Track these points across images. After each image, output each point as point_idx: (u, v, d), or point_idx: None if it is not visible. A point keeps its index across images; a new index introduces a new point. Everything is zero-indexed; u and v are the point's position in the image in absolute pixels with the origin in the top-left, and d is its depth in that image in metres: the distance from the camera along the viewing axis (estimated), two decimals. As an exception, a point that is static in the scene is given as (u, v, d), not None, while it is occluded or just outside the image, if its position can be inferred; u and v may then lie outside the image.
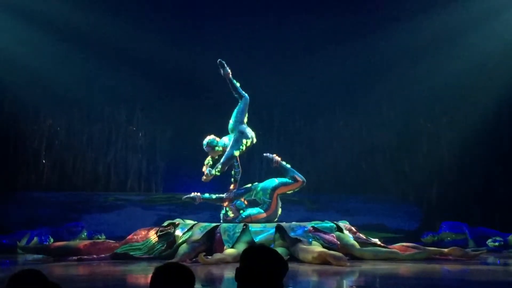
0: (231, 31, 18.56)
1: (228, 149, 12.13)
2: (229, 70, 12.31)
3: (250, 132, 12.32)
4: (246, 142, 12.23)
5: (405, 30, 17.86)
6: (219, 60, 12.35)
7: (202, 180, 12.19)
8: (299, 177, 12.35)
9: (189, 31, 18.95)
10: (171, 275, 3.24)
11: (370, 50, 18.62)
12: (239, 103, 12.38)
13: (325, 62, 18.51)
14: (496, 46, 17.41)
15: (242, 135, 12.20)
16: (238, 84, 12.39)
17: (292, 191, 12.54)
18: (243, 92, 12.39)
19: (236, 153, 12.14)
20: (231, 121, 12.35)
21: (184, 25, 18.93)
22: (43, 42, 17.60)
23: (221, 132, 12.54)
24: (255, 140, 12.45)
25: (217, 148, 12.24)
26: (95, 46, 18.25)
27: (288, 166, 12.50)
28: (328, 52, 18.40)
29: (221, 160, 12.11)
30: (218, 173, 12.06)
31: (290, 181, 12.32)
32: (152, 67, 18.90)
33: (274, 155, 12.56)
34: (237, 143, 12.14)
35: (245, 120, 12.39)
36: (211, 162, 12.33)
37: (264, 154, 12.84)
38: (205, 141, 12.27)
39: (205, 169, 12.18)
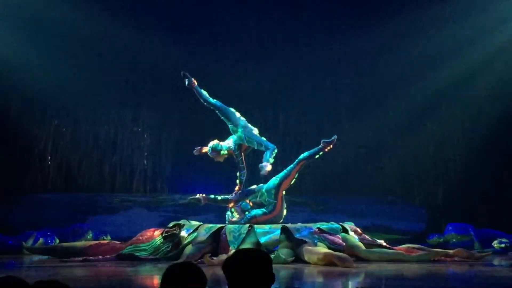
0: (236, 31, 18.55)
1: (260, 141, 11.97)
2: (194, 80, 12.12)
3: (250, 126, 12.16)
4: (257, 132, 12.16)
5: (411, 31, 17.85)
6: (182, 72, 12.17)
7: (265, 172, 11.75)
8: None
9: (194, 31, 18.95)
10: (183, 274, 3.23)
11: (375, 51, 18.59)
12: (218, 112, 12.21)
13: (330, 64, 18.50)
14: (505, 47, 17.38)
15: (247, 129, 12.03)
16: (205, 93, 12.21)
17: (297, 174, 12.19)
18: (211, 99, 12.19)
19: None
20: (229, 125, 12.22)
21: (189, 25, 18.93)
22: (49, 44, 17.65)
23: (227, 133, 12.47)
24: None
25: (222, 152, 12.09)
26: (100, 48, 18.30)
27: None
28: (334, 53, 18.39)
29: (267, 146, 11.90)
30: (272, 160, 11.88)
31: (287, 171, 12.08)
32: (158, 68, 18.92)
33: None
34: (256, 137, 12.04)
35: (238, 115, 12.12)
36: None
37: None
38: (209, 147, 12.16)
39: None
